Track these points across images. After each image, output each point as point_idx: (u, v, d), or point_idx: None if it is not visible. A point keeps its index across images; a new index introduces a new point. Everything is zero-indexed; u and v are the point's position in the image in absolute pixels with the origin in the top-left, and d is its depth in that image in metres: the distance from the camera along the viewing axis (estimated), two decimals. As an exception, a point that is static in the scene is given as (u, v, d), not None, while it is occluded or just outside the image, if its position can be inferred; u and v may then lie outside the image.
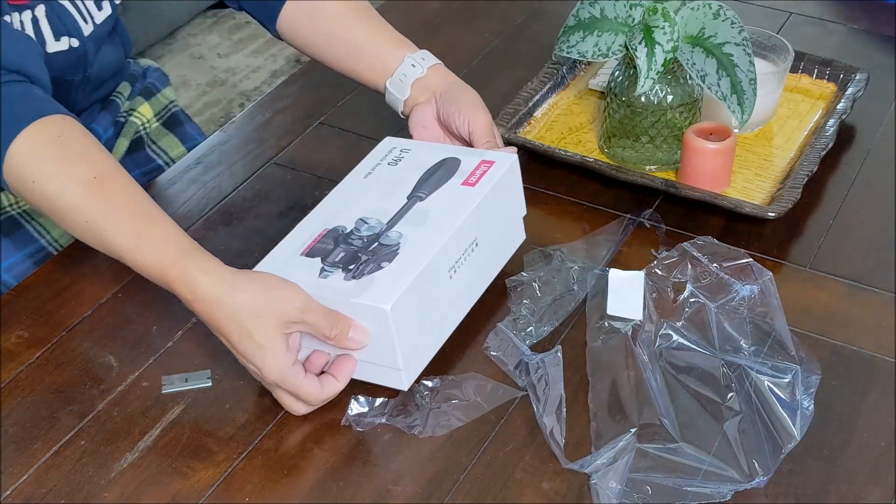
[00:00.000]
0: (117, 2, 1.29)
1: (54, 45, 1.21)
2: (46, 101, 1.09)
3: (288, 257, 1.06)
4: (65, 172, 1.03)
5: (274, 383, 1.00)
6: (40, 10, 1.19)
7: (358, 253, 1.05)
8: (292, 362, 0.99)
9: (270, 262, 1.05)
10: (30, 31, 1.18)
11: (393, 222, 1.08)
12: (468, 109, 1.20)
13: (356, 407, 1.03)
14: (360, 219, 1.09)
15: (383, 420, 1.02)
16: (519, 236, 1.18)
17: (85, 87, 1.30)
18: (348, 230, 1.07)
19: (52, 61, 1.21)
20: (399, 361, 1.01)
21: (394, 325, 0.99)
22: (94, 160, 1.05)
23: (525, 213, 1.18)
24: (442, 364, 1.07)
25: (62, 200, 1.03)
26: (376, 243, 1.06)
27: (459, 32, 1.60)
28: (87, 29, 1.24)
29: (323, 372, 1.03)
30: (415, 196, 1.10)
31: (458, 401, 1.03)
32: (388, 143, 1.20)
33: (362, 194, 1.12)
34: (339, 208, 1.11)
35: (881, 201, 1.28)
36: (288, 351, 0.98)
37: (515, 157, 1.16)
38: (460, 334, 1.09)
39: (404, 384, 1.03)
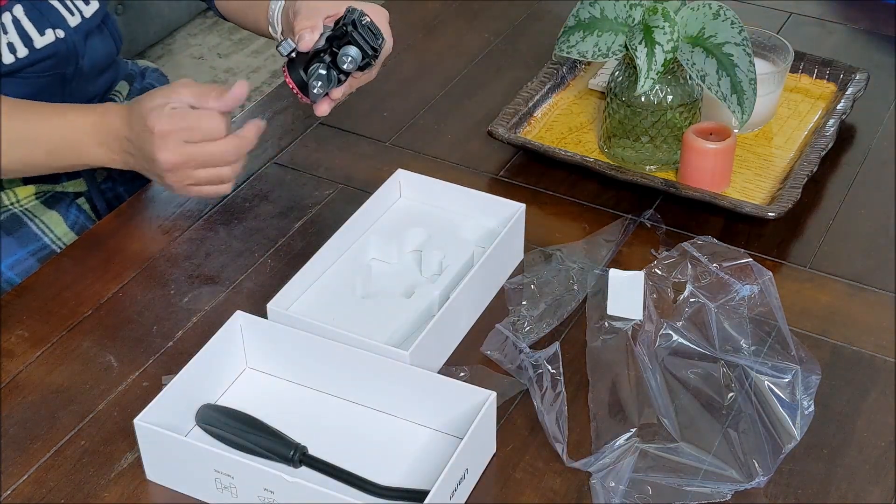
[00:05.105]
0: None
1: (40, 40, 1.24)
2: None
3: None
4: None
5: (169, 131, 1.10)
6: (19, 10, 1.22)
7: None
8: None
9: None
10: (12, 31, 1.21)
11: None
12: (302, 20, 1.19)
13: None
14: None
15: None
16: (517, 256, 1.18)
17: (79, 80, 1.32)
18: None
19: (41, 55, 1.24)
20: None
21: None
22: None
23: (522, 257, 1.19)
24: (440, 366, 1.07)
25: None
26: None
27: (459, 32, 1.60)
28: (73, 21, 1.27)
29: None
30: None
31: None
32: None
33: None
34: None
35: (881, 201, 1.28)
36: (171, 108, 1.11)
37: (522, 207, 1.17)
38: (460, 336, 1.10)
39: None
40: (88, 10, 1.29)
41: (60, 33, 1.25)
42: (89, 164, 1.19)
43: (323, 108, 1.18)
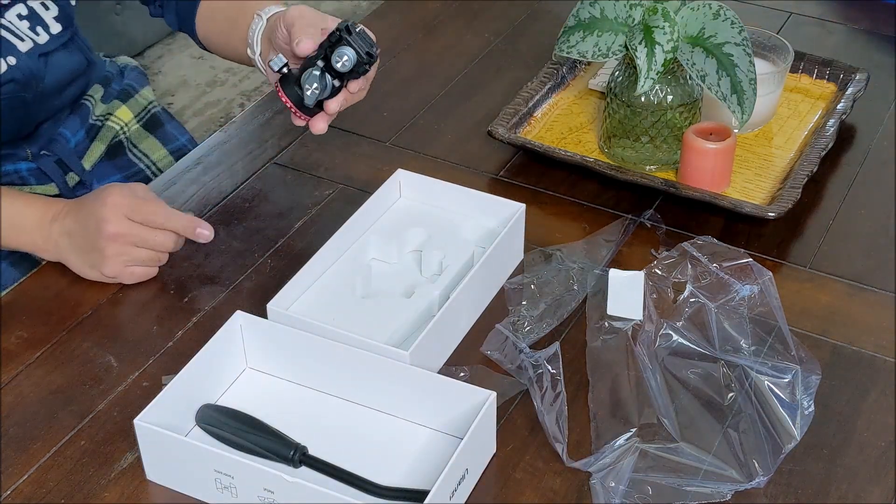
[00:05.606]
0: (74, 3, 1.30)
1: None
2: None
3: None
4: None
5: (121, 205, 1.12)
6: None
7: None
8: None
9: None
10: None
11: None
12: (298, 30, 1.15)
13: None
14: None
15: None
16: (517, 256, 1.18)
17: (42, 100, 1.30)
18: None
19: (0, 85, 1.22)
20: None
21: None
22: None
23: (522, 257, 1.19)
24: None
25: None
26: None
27: (459, 32, 1.60)
28: (24, 46, 1.25)
29: None
30: None
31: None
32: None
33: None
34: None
35: (881, 201, 1.28)
36: None
37: (522, 207, 1.16)
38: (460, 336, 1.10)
39: None
40: (42, 38, 1.27)
41: (12, 60, 1.23)
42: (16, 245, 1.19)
43: (320, 126, 1.15)
